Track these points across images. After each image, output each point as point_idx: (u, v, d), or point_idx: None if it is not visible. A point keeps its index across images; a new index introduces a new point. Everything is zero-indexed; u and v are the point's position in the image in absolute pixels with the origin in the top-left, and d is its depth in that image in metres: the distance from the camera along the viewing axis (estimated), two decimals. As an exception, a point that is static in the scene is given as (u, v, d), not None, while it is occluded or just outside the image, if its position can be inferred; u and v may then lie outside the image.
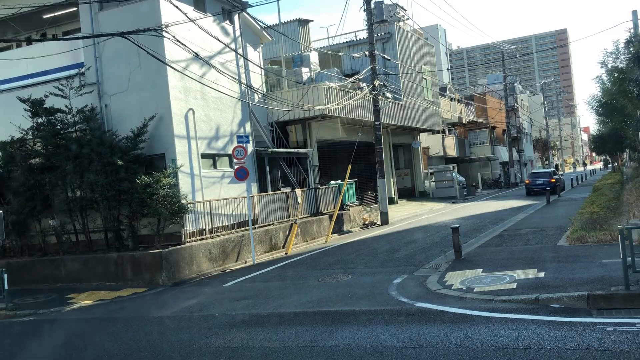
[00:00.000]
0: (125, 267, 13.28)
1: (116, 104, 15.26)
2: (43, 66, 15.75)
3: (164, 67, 14.40)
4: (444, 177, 37.49)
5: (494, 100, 53.80)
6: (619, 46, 19.21)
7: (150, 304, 11.06)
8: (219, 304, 10.12)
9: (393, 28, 31.52)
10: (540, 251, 11.78)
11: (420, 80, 35.11)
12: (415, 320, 7.57)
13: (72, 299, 11.88)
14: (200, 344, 7.46)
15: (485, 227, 17.89)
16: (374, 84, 23.19)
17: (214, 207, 15.22)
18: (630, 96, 17.56)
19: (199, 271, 13.65)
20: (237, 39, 18.18)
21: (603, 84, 22.44)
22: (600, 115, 30.68)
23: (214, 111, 16.64)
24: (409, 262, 12.47)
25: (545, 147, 77.36)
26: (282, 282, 11.74)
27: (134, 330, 8.85)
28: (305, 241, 18.35)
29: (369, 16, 23.17)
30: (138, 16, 14.61)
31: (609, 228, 12.77)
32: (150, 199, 13.41)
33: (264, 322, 8.37)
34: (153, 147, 14.84)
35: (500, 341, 6.21)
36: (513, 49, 55.28)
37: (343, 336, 7.07)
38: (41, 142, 14.64)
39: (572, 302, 7.50)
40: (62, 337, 9.01)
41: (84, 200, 14.44)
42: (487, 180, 48.56)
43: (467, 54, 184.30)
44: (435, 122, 37.29)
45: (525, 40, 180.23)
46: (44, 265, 14.33)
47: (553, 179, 33.28)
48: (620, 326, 6.39)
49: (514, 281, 8.97)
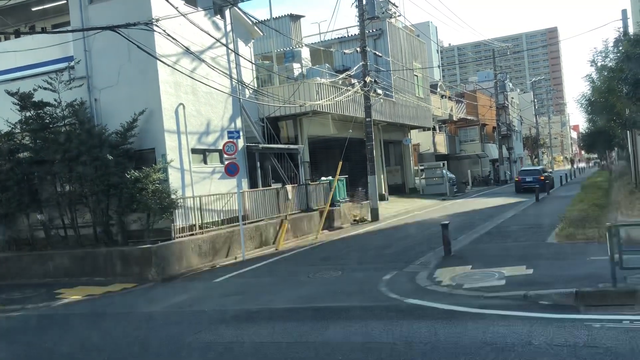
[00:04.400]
0: (114, 263, 13.20)
1: (106, 98, 15.14)
2: (32, 59, 15.58)
3: (155, 62, 14.30)
4: (435, 174, 37.59)
5: (484, 97, 53.99)
6: (608, 45, 19.31)
7: (139, 299, 11.02)
8: (209, 300, 10.10)
9: (385, 24, 31.51)
10: (530, 248, 11.86)
11: (411, 77, 35.15)
12: (405, 316, 7.60)
13: (61, 294, 11.80)
14: (190, 339, 7.44)
15: (474, 224, 17.97)
16: (365, 81, 23.18)
17: (204, 203, 15.17)
18: (619, 95, 17.64)
19: (188, 267, 13.61)
20: (228, 34, 18.10)
21: (593, 82, 22.54)
22: (589, 113, 30.83)
23: (205, 106, 16.57)
24: (399, 259, 12.50)
25: (535, 145, 77.79)
26: (272, 278, 11.74)
27: (123, 325, 8.81)
28: (296, 237, 18.34)
29: (361, 12, 23.14)
30: (128, 10, 14.49)
31: (597, 226, 12.87)
32: (139, 194, 13.34)
33: (254, 318, 8.36)
34: (143, 142, 14.75)
35: (489, 337, 6.25)
36: (504, 47, 55.49)
37: (333, 332, 7.08)
38: (30, 136, 14.50)
39: (560, 299, 7.55)
40: (51, 332, 8.95)
41: (72, 194, 14.33)
42: (477, 177, 48.76)
43: (458, 52, 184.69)
44: (426, 119, 37.37)
45: (516, 39, 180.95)
46: (32, 260, 14.21)
47: (542, 177, 33.51)
48: (608, 322, 6.45)
49: (503, 278, 9.02)
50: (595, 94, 23.19)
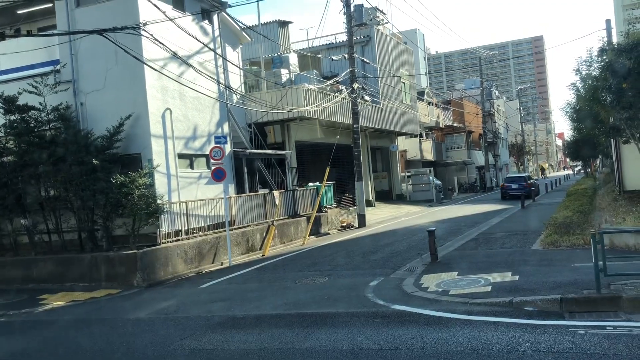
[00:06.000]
0: (99, 268, 13.07)
1: (92, 102, 15.03)
2: (17, 62, 15.45)
3: (142, 66, 14.24)
4: (421, 180, 37.78)
5: (471, 105, 54.40)
6: (592, 54, 19.58)
7: (124, 305, 10.91)
8: (195, 306, 10.03)
9: (372, 31, 31.69)
10: (515, 255, 11.93)
11: (398, 84, 35.33)
12: (391, 323, 7.60)
13: (44, 299, 11.66)
14: (175, 345, 7.38)
15: (461, 231, 18.05)
16: (353, 87, 23.26)
17: (190, 208, 15.09)
18: (603, 103, 17.87)
19: (174, 272, 13.51)
20: (216, 39, 18.07)
21: (577, 90, 22.84)
22: (574, 121, 31.21)
23: (192, 111, 16.51)
24: (386, 265, 12.51)
25: (521, 152, 78.46)
26: (258, 284, 11.69)
27: (107, 331, 8.72)
28: (283, 243, 18.31)
29: (349, 19, 23.25)
30: (115, 14, 14.44)
31: (581, 232, 13.00)
32: (125, 199, 13.26)
33: (240, 324, 8.32)
34: (129, 147, 14.66)
35: (475, 343, 6.27)
36: (490, 55, 56.07)
37: (319, 338, 7.06)
38: (14, 139, 14.34)
39: (545, 305, 7.60)
40: (33, 338, 8.82)
41: (57, 199, 14.19)
42: (464, 184, 49.04)
43: (445, 59, 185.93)
44: (413, 125, 37.56)
45: (502, 47, 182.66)
46: (14, 265, 14.03)
47: (528, 184, 33.80)
48: (592, 329, 6.50)
49: (489, 284, 9.06)
50: (580, 102, 23.47)
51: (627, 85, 15.54)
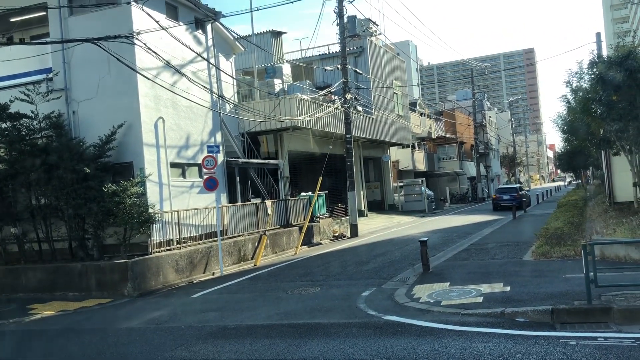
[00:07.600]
0: (89, 277, 12.98)
1: (84, 110, 15.00)
2: (9, 70, 15.40)
3: (134, 75, 14.23)
4: (413, 190, 37.86)
5: (462, 116, 54.71)
6: (583, 67, 19.78)
7: (114, 314, 10.83)
8: (186, 316, 9.96)
9: (365, 42, 31.85)
10: (506, 265, 11.96)
11: (391, 94, 35.50)
12: (383, 333, 7.58)
13: (33, 309, 11.55)
14: (165, 355, 7.33)
15: (452, 241, 18.08)
16: (346, 97, 23.34)
17: (182, 217, 15.04)
18: (593, 115, 18.06)
19: (165, 282, 13.43)
20: (209, 49, 18.11)
21: (568, 102, 23.04)
22: (565, 133, 31.45)
23: (185, 120, 16.50)
24: (378, 275, 12.50)
25: (512, 163, 78.90)
26: (250, 294, 11.63)
27: (97, 341, 8.64)
28: (275, 253, 18.25)
29: (342, 30, 23.36)
30: (109, 22, 14.44)
31: (572, 243, 13.06)
32: (117, 208, 13.20)
33: (232, 335, 8.27)
34: (121, 155, 14.62)
35: (466, 354, 6.26)
36: (482, 67, 56.40)
37: (311, 349, 7.03)
38: (5, 147, 14.26)
39: (536, 316, 7.61)
40: (21, 348, 8.73)
41: (48, 207, 14.10)
42: (455, 194, 49.21)
43: (437, 70, 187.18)
44: (405, 136, 37.71)
45: (494, 58, 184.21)
46: (3, 274, 13.89)
47: (519, 195, 33.98)
48: (583, 340, 6.52)
49: (481, 295, 9.07)
50: (571, 114, 23.67)
51: (617, 98, 15.71)
